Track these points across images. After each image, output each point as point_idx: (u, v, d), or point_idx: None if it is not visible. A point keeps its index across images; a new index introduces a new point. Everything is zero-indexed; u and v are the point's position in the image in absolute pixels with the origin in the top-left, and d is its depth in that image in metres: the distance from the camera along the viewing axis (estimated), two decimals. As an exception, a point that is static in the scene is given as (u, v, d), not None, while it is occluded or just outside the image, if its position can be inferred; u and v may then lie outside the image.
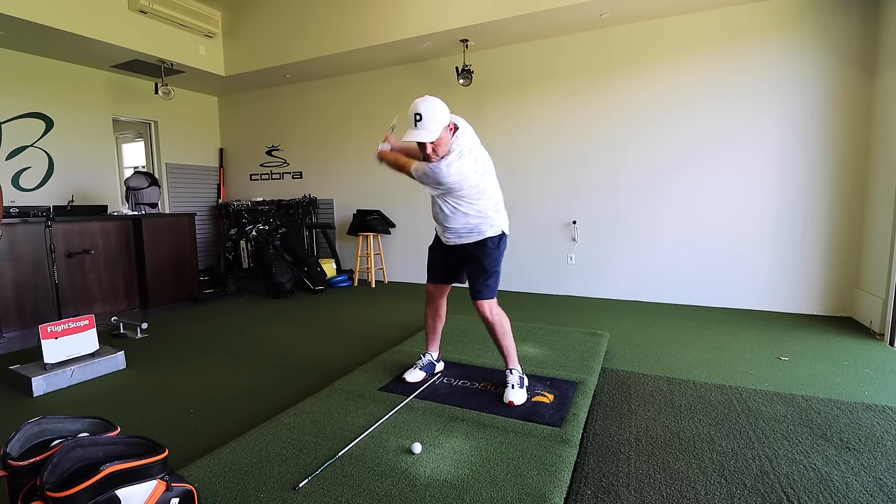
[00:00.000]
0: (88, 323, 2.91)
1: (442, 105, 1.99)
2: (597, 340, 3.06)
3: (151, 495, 1.21)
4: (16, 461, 1.21)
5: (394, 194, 5.71)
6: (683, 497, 1.59)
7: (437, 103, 1.98)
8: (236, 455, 1.75)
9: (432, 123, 1.94)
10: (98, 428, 1.37)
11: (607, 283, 4.74)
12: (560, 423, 1.96)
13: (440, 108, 1.97)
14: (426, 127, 1.94)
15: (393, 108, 5.60)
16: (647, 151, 4.44)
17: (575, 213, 4.80)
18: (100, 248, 4.32)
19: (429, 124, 1.94)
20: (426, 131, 1.94)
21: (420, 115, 1.94)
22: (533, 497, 1.49)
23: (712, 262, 4.29)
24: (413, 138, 1.96)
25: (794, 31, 3.85)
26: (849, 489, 1.62)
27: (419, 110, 1.94)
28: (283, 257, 5.34)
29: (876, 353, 3.03)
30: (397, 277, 5.88)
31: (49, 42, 4.52)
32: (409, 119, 1.97)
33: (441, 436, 1.89)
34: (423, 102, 1.96)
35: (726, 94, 4.10)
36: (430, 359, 2.51)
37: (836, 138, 3.82)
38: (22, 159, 4.82)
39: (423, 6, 4.50)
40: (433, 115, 1.94)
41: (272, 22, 5.37)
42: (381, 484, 1.57)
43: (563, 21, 4.30)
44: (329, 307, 4.62)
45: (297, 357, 3.15)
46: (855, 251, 3.83)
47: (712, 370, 2.79)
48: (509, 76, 4.97)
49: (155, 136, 6.23)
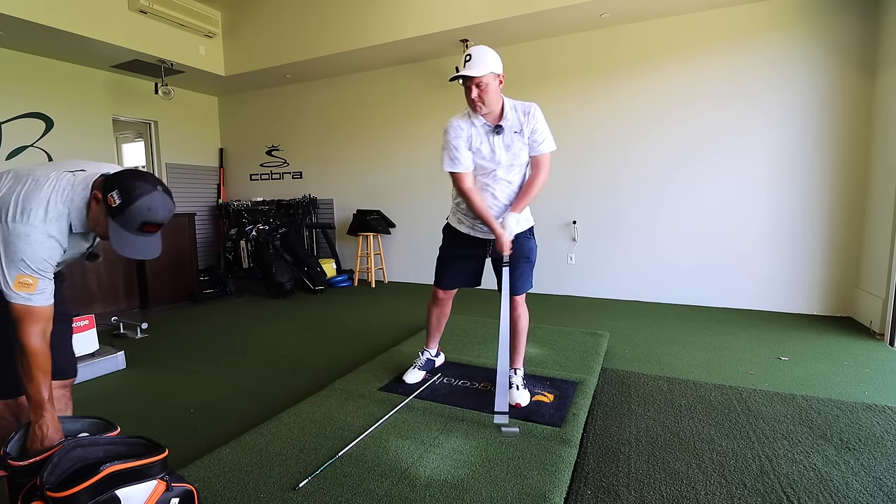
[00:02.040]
0: (88, 323, 2.91)
1: (493, 52, 1.98)
2: (597, 340, 3.06)
3: (151, 495, 1.21)
4: (16, 461, 1.21)
5: (394, 194, 5.72)
6: (683, 497, 1.59)
7: (489, 50, 1.97)
8: (236, 455, 1.75)
9: (480, 63, 1.91)
10: (98, 428, 1.37)
11: (607, 283, 4.74)
12: (560, 423, 1.96)
13: (491, 53, 1.96)
14: (474, 66, 1.91)
15: (393, 107, 5.61)
16: (647, 151, 4.44)
17: (575, 213, 4.80)
18: (100, 249, 4.31)
19: (476, 63, 1.91)
20: (473, 69, 1.92)
21: (470, 55, 1.94)
22: (533, 497, 1.49)
23: (712, 261, 4.29)
24: (459, 73, 1.92)
25: (795, 32, 3.85)
26: (849, 489, 1.62)
27: (470, 52, 1.95)
28: (283, 257, 5.34)
29: (876, 353, 3.03)
30: (397, 277, 5.88)
31: (49, 42, 4.52)
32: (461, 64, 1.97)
33: (441, 436, 1.88)
34: (476, 48, 1.97)
35: (727, 94, 4.10)
36: (428, 356, 2.50)
37: (836, 138, 3.82)
38: (22, 159, 4.82)
39: (423, 6, 4.50)
40: (482, 57, 1.93)
41: (272, 22, 5.37)
42: (381, 484, 1.57)
43: (564, 21, 4.30)
44: (329, 307, 4.62)
45: (297, 357, 3.15)
46: (855, 251, 3.83)
47: (712, 370, 2.79)
48: (509, 76, 4.88)
49: (155, 136, 6.22)
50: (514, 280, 2.16)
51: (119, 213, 1.26)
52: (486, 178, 2.12)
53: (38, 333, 1.24)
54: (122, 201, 1.25)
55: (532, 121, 2.04)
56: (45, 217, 1.23)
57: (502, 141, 2.05)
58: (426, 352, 2.51)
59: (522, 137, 2.05)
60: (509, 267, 2.11)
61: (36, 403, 1.25)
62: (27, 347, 1.22)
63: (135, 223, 1.28)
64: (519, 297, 2.21)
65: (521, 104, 2.09)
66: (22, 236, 1.20)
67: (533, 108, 2.06)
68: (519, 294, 2.20)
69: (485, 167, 2.09)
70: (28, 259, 1.20)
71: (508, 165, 2.08)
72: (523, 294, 2.23)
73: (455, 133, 2.05)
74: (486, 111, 2.01)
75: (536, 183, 2.09)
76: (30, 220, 1.21)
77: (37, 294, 1.22)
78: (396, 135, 5.65)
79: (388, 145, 5.71)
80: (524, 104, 2.08)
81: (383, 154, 5.77)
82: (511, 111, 2.05)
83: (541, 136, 2.05)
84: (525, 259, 2.20)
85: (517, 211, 2.07)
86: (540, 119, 2.06)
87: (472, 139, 2.06)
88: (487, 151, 2.06)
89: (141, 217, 1.28)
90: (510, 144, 2.05)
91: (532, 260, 2.22)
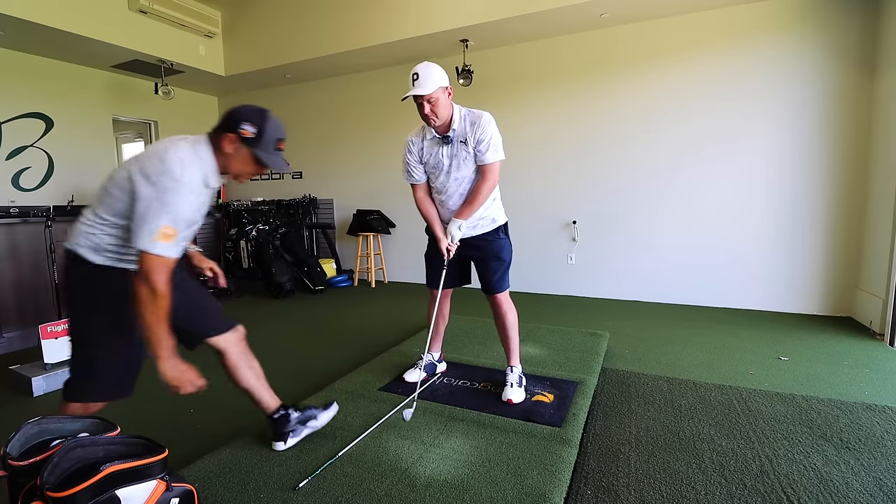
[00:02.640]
0: (88, 323, 2.91)
1: (438, 68, 2.04)
2: (597, 340, 3.06)
3: (151, 495, 1.21)
4: (16, 461, 1.21)
5: (394, 194, 5.71)
6: (683, 497, 1.59)
7: (434, 66, 2.03)
8: (236, 455, 1.76)
9: (427, 81, 1.98)
10: (98, 428, 1.36)
11: (607, 283, 4.74)
12: (560, 423, 1.96)
13: (436, 69, 2.03)
14: (423, 84, 1.98)
15: (393, 107, 5.61)
16: (647, 151, 4.44)
17: (575, 213, 4.80)
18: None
19: (425, 81, 1.98)
20: (422, 87, 1.97)
21: (417, 74, 2.00)
22: (533, 497, 1.49)
23: (712, 261, 4.29)
24: (409, 93, 2.00)
25: (794, 31, 3.85)
26: (849, 489, 1.62)
27: (416, 70, 2.01)
28: (283, 257, 5.34)
29: (876, 353, 3.03)
30: (397, 277, 5.88)
31: (49, 42, 4.51)
32: (409, 83, 2.02)
33: (441, 436, 1.88)
34: (421, 65, 2.03)
35: (726, 93, 4.10)
36: (430, 359, 2.50)
37: (836, 138, 3.82)
38: (22, 159, 4.82)
39: (423, 6, 4.50)
40: (429, 74, 2.00)
41: (272, 22, 5.37)
42: (381, 484, 1.57)
43: (564, 21, 4.30)
44: (329, 307, 4.62)
45: (297, 357, 3.15)
46: (855, 251, 3.83)
47: (712, 370, 2.79)
48: (509, 76, 4.97)
49: (155, 136, 6.22)
50: (488, 279, 2.25)
51: (258, 140, 1.46)
52: (438, 186, 2.21)
53: (167, 281, 1.36)
54: (256, 129, 1.45)
55: (478, 131, 2.07)
56: (183, 173, 1.36)
57: (449, 151, 2.12)
58: (428, 354, 2.51)
59: (468, 147, 2.09)
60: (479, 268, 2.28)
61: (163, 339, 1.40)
62: (160, 292, 1.34)
63: (272, 143, 1.50)
64: (500, 295, 2.25)
65: (471, 114, 2.12)
66: (169, 191, 1.32)
67: (480, 119, 2.09)
68: (497, 292, 2.24)
69: (436, 176, 2.20)
70: (175, 211, 1.33)
71: (455, 175, 2.15)
72: (505, 292, 2.26)
73: (407, 148, 2.22)
74: (439, 123, 2.07)
75: (479, 191, 2.12)
76: (174, 177, 1.34)
77: (173, 245, 1.34)
78: (396, 135, 5.64)
79: (388, 145, 5.71)
80: (474, 113, 2.12)
81: (383, 154, 5.77)
82: (459, 121, 2.10)
83: (485, 146, 2.07)
84: (496, 258, 2.24)
85: (462, 218, 2.15)
86: (486, 129, 2.07)
87: (422, 152, 2.19)
88: (436, 162, 2.17)
89: (276, 135, 1.51)
90: (455, 154, 2.12)
91: (504, 258, 2.25)
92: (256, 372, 1.77)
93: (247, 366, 1.74)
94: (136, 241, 1.31)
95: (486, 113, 2.12)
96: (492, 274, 2.23)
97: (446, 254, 2.18)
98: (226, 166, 1.49)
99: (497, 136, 2.11)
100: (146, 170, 1.35)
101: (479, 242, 2.25)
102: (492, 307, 2.29)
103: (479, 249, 2.25)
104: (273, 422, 1.79)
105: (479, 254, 2.26)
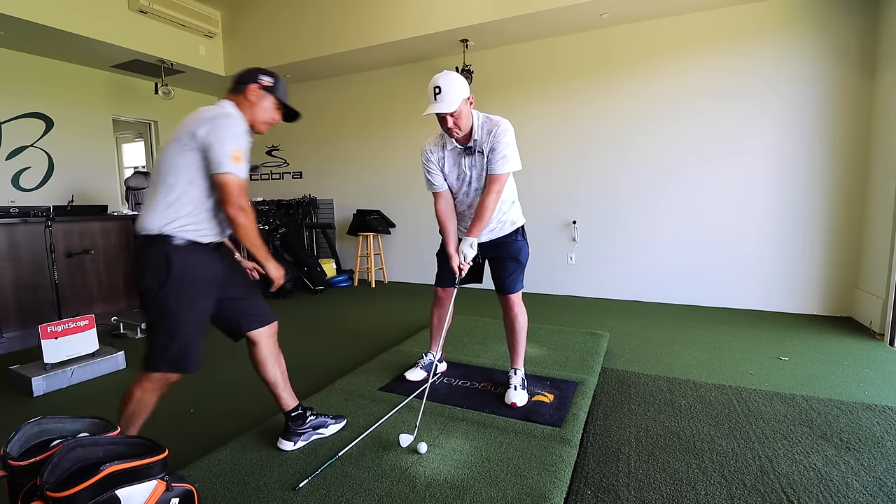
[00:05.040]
0: (88, 323, 2.92)
1: (461, 78, 1.98)
2: (597, 340, 3.06)
3: (151, 495, 1.21)
4: (16, 461, 1.21)
5: (394, 194, 5.71)
6: (683, 497, 1.59)
7: (456, 76, 1.97)
8: (236, 455, 1.76)
9: (451, 95, 1.92)
10: (98, 428, 1.36)
11: (607, 283, 4.74)
12: (560, 423, 1.96)
13: (459, 80, 1.96)
14: (446, 99, 1.92)
15: (393, 107, 5.61)
16: (647, 151, 4.44)
17: (575, 213, 4.80)
18: (100, 248, 4.31)
19: (448, 96, 1.92)
20: (446, 103, 1.92)
21: (439, 87, 1.93)
22: (533, 497, 1.49)
23: (712, 262, 4.29)
24: (433, 110, 1.94)
25: (795, 31, 3.85)
26: (849, 489, 1.62)
27: (438, 83, 1.94)
28: (283, 257, 5.34)
29: (876, 353, 3.03)
30: (397, 277, 5.88)
31: (49, 42, 4.51)
32: (429, 95, 1.96)
33: (441, 436, 1.88)
34: (442, 76, 1.96)
35: (726, 93, 4.10)
36: (431, 359, 2.50)
37: (836, 138, 3.82)
38: (22, 159, 4.82)
39: (423, 6, 4.50)
40: (452, 87, 1.93)
41: (272, 22, 5.37)
42: (381, 484, 1.57)
43: (564, 21, 4.30)
44: (329, 307, 4.62)
45: (297, 357, 3.14)
46: (855, 251, 3.83)
47: (712, 370, 2.79)
48: (509, 76, 4.97)
49: (155, 136, 6.22)
50: (503, 280, 2.23)
51: (275, 87, 1.71)
52: (462, 197, 2.18)
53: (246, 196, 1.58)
54: (272, 78, 1.71)
55: (492, 139, 2.02)
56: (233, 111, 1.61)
57: (470, 162, 2.09)
58: (429, 353, 2.51)
59: (485, 157, 2.06)
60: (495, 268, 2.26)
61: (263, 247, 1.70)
62: (247, 209, 1.57)
63: (285, 90, 1.76)
64: (514, 296, 2.22)
65: (489, 121, 2.06)
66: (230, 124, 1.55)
67: (497, 127, 2.02)
68: (511, 293, 2.22)
69: (460, 188, 2.16)
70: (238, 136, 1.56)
71: (478, 186, 2.12)
72: (518, 293, 2.24)
73: (426, 157, 2.17)
74: (462, 134, 2.03)
75: (485, 204, 2.04)
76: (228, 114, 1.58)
77: (242, 167, 1.55)
78: (396, 135, 5.65)
79: (388, 145, 5.71)
80: (492, 121, 2.05)
81: (383, 154, 5.77)
82: (479, 130, 2.04)
83: (498, 154, 2.01)
84: (513, 259, 2.22)
85: (472, 235, 2.09)
86: (501, 138, 2.01)
87: (443, 162, 2.14)
88: (459, 173, 2.13)
89: (284, 84, 1.77)
90: (475, 164, 2.09)
91: (521, 260, 2.23)
92: (282, 367, 1.84)
93: (275, 360, 1.82)
94: (219, 166, 1.50)
95: (505, 121, 2.05)
96: (507, 274, 2.21)
97: (458, 272, 2.15)
98: (252, 117, 1.67)
99: (512, 147, 2.03)
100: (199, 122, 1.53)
101: (497, 243, 2.22)
102: (503, 308, 2.26)
103: (497, 250, 2.23)
104: (290, 419, 1.81)
105: (495, 254, 2.24)
